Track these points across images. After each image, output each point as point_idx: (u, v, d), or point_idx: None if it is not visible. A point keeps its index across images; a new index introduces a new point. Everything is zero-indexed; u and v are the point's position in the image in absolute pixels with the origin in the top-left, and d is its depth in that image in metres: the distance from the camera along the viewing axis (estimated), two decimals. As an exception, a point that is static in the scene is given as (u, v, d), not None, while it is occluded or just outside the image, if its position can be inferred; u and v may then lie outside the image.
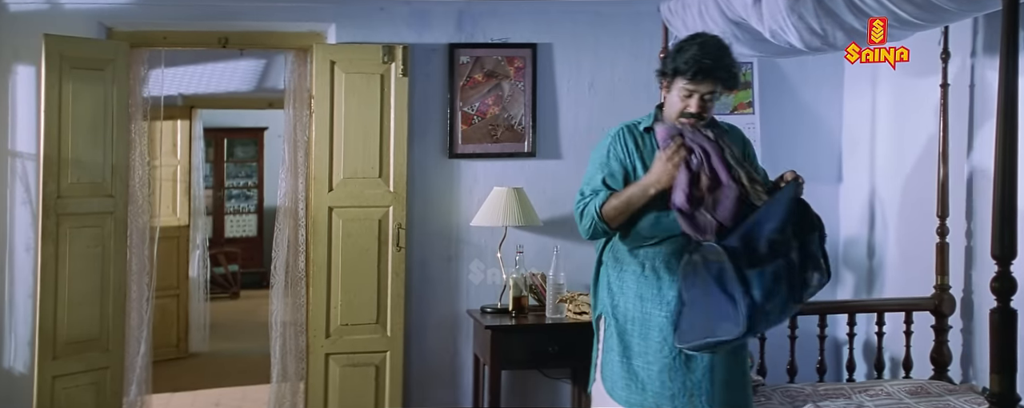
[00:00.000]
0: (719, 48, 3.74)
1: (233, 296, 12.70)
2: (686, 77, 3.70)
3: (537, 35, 5.99)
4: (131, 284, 6.02)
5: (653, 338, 3.78)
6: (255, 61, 8.06)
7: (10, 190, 5.76)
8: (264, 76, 8.50)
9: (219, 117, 12.21)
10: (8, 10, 5.74)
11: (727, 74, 3.71)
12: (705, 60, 3.67)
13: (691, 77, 3.69)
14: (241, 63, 8.11)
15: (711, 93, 3.72)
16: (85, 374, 5.67)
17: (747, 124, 5.97)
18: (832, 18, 4.08)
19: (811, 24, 4.15)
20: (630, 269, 3.86)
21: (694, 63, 3.67)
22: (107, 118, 5.70)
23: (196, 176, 9.27)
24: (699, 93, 3.71)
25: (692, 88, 3.71)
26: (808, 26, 4.16)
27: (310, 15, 5.91)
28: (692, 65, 3.67)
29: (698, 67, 3.67)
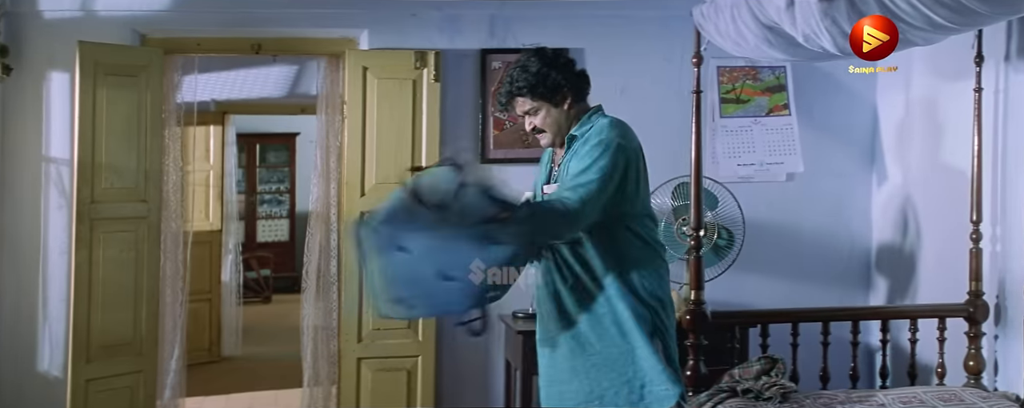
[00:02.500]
0: (514, 67, 3.90)
1: (265, 300, 12.74)
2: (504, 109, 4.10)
3: (568, 40, 5.96)
4: (165, 288, 6.04)
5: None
6: (287, 67, 8.10)
7: (45, 195, 5.80)
8: (296, 82, 8.53)
9: (251, 122, 12.26)
10: (43, 17, 5.79)
11: (520, 88, 3.84)
12: (501, 87, 3.92)
13: (504, 107, 3.95)
14: (273, 69, 8.15)
15: (528, 111, 3.88)
16: (119, 378, 5.70)
17: (783, 126, 5.96)
18: (866, 22, 4.05)
19: (844, 28, 4.12)
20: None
21: (500, 94, 3.93)
22: (141, 124, 5.74)
23: (229, 181, 9.32)
24: (520, 116, 3.93)
25: (516, 113, 3.95)
26: (841, 30, 4.13)
27: (343, 21, 5.93)
28: (499, 96, 3.94)
29: (501, 95, 3.91)
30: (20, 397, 5.80)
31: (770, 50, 4.54)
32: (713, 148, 5.93)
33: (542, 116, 3.88)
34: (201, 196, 8.93)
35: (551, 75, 3.86)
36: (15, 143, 5.79)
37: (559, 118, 3.91)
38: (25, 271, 5.81)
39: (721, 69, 5.99)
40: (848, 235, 6.23)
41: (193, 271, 7.06)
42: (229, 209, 9.27)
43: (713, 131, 5.96)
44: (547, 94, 3.86)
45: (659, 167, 5.75)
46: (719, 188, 5.62)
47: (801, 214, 6.14)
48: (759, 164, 6.00)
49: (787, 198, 6.11)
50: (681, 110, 5.78)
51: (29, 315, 5.81)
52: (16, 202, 5.79)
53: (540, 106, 3.86)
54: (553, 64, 3.89)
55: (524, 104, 3.87)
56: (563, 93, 3.89)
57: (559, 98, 3.88)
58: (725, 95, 6.03)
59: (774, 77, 6.03)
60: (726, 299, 5.63)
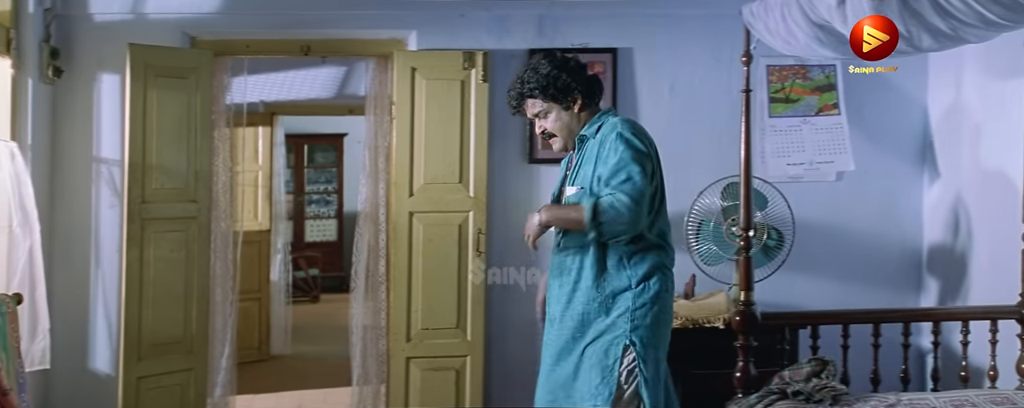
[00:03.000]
0: (523, 70, 4.05)
1: (313, 300, 12.80)
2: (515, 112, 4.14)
3: (617, 39, 5.97)
4: (215, 287, 6.09)
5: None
6: (336, 68, 8.14)
7: (95, 195, 5.87)
8: (344, 83, 8.57)
9: (300, 123, 12.35)
10: (94, 20, 5.85)
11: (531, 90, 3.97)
12: (510, 92, 4.07)
13: (516, 110, 4.10)
14: (322, 70, 8.20)
15: (538, 114, 4.02)
16: (170, 375, 5.75)
17: (833, 125, 5.91)
18: (917, 19, 4.00)
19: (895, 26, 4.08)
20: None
21: (509, 97, 4.07)
22: (191, 125, 5.78)
23: (277, 181, 9.38)
24: (531, 119, 4.08)
25: (526, 117, 4.10)
26: (892, 28, 4.09)
27: (391, 22, 5.95)
28: (509, 100, 4.09)
29: (511, 100, 4.06)
30: (73, 394, 5.86)
31: (820, 48, 4.50)
32: (762, 148, 5.90)
33: (553, 118, 3.98)
34: (250, 196, 9.00)
35: (562, 77, 3.95)
36: (66, 144, 5.85)
37: (570, 122, 4.01)
38: (77, 270, 5.87)
39: (770, 68, 5.96)
40: (899, 235, 6.17)
41: (242, 270, 7.10)
42: (278, 209, 9.33)
43: (762, 130, 5.92)
44: (558, 95, 3.95)
45: (707, 167, 5.75)
46: (768, 188, 5.59)
47: (851, 214, 6.09)
48: (809, 163, 5.96)
49: (837, 198, 6.06)
50: (730, 109, 5.76)
51: (81, 313, 5.88)
52: (68, 202, 5.86)
53: (550, 108, 3.97)
54: (564, 67, 3.98)
55: (535, 105, 3.97)
56: (574, 96, 3.97)
57: (570, 101, 3.97)
58: (774, 94, 5.99)
59: (824, 76, 5.98)
60: (776, 300, 5.59)
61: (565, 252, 4.01)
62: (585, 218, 3.74)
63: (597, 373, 3.90)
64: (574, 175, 4.01)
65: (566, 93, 3.95)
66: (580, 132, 4.01)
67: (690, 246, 5.55)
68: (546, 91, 3.94)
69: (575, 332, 3.97)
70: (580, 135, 4.01)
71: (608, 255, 3.92)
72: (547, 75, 3.93)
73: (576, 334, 3.96)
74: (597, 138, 3.95)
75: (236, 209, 7.33)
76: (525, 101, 4.00)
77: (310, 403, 7.30)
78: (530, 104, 4.00)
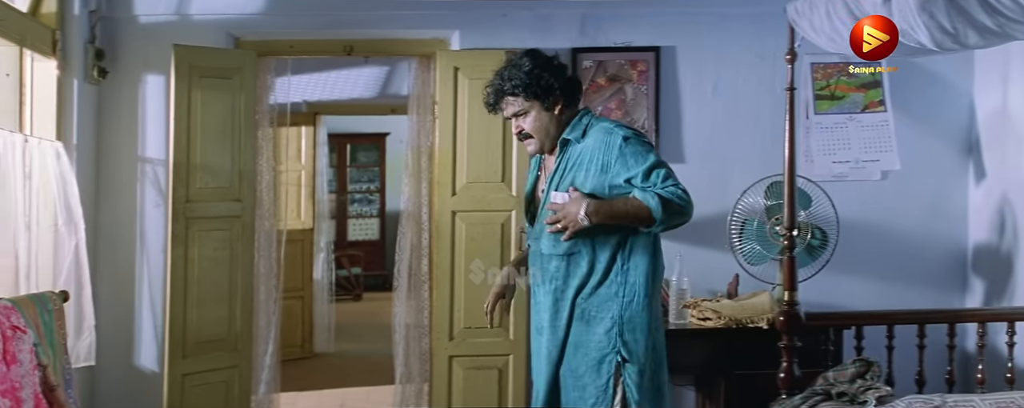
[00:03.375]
0: (505, 66, 3.91)
1: (356, 298, 12.87)
2: (492, 109, 3.99)
3: (660, 38, 5.95)
4: (259, 286, 6.12)
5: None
6: (378, 68, 8.16)
7: (140, 194, 5.92)
8: (387, 83, 8.60)
9: (342, 123, 12.42)
10: (138, 22, 5.90)
11: (513, 87, 3.84)
12: (489, 88, 3.93)
13: (492, 108, 3.96)
14: (364, 70, 8.23)
15: (517, 114, 3.89)
16: (214, 372, 5.79)
17: (879, 122, 5.87)
18: (964, 17, 3.96)
19: (942, 23, 4.04)
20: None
21: (487, 94, 3.94)
22: (235, 125, 5.82)
23: (320, 181, 9.44)
24: (509, 118, 3.95)
25: (504, 115, 3.97)
26: (939, 25, 4.04)
27: (434, 22, 5.96)
28: (486, 97, 3.95)
29: (488, 96, 3.93)
30: (119, 390, 5.92)
31: (867, 45, 4.46)
32: (806, 146, 5.86)
33: (532, 119, 3.86)
34: (293, 195, 9.06)
35: (544, 76, 3.83)
36: (112, 144, 5.91)
37: (548, 123, 3.88)
38: (122, 268, 5.93)
39: (815, 66, 5.92)
40: (944, 235, 6.10)
41: (286, 269, 7.16)
42: (320, 208, 9.40)
43: (807, 129, 5.88)
44: (540, 94, 3.83)
45: (751, 166, 5.73)
46: (812, 187, 5.55)
47: (896, 213, 6.04)
48: (854, 161, 5.92)
49: (882, 197, 6.00)
50: (773, 108, 5.75)
51: (127, 311, 5.94)
52: (113, 201, 5.91)
53: (530, 107, 3.84)
54: (547, 66, 3.87)
55: (514, 104, 3.85)
56: (555, 96, 3.85)
57: (551, 101, 3.85)
58: (819, 92, 5.95)
59: (869, 73, 5.94)
60: (819, 300, 5.56)
61: (550, 258, 3.89)
62: (653, 212, 3.61)
63: (591, 392, 3.82)
64: (559, 179, 3.89)
65: (548, 93, 3.83)
66: (562, 135, 3.89)
67: (733, 245, 5.52)
68: (528, 89, 3.81)
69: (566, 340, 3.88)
70: (563, 138, 3.89)
71: (598, 260, 3.82)
72: (529, 73, 3.81)
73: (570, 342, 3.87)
74: (586, 142, 3.84)
75: (279, 208, 7.37)
76: (504, 99, 3.88)
77: (353, 401, 7.34)
78: (509, 102, 3.87)
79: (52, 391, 3.45)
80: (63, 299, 3.88)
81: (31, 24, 5.24)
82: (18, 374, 3.18)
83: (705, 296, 5.60)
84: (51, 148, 5.22)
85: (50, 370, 3.46)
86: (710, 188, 5.87)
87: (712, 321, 5.28)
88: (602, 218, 3.67)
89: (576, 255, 3.82)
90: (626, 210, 3.67)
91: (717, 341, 5.31)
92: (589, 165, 3.79)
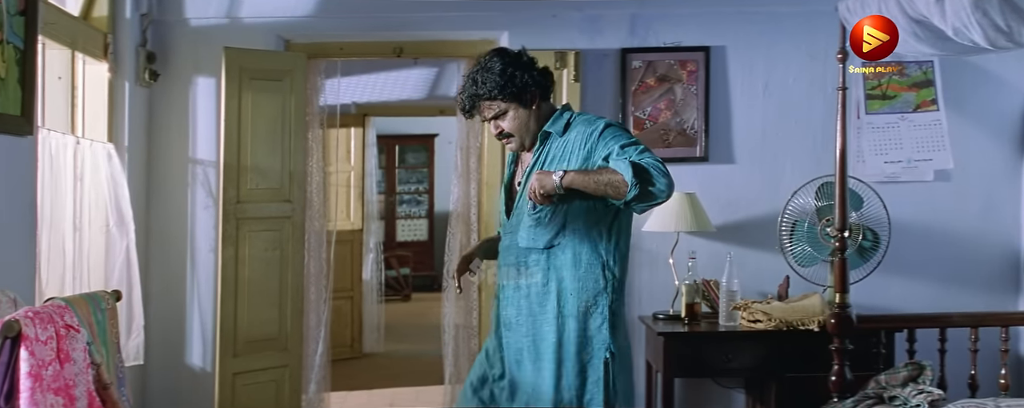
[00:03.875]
0: (477, 70, 3.81)
1: (405, 298, 12.92)
2: (468, 115, 3.89)
3: (710, 38, 5.92)
4: (309, 286, 6.16)
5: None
6: (427, 69, 8.19)
7: (191, 195, 5.97)
8: (436, 84, 8.63)
9: (391, 124, 12.47)
10: (189, 25, 5.95)
11: (490, 90, 3.75)
12: (463, 94, 3.83)
13: (469, 113, 3.86)
14: (413, 72, 8.25)
15: (496, 116, 3.80)
16: (265, 372, 5.82)
17: (932, 122, 5.81)
18: (1018, 14, 3.92)
19: (996, 21, 3.99)
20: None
21: (461, 100, 3.84)
22: (285, 127, 5.86)
23: (369, 182, 9.50)
24: (487, 120, 3.86)
25: (481, 119, 3.88)
26: (993, 23, 4.00)
27: (484, 23, 5.96)
28: (461, 103, 3.86)
29: (462, 102, 3.83)
30: (170, 389, 5.97)
31: (918, 44, 4.42)
32: (858, 146, 5.81)
33: (510, 118, 3.79)
34: (342, 196, 9.12)
35: (517, 75, 3.76)
36: (163, 146, 5.97)
37: (527, 120, 3.81)
38: (174, 268, 5.99)
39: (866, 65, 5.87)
40: (998, 236, 6.02)
41: (335, 269, 7.19)
42: (369, 209, 9.45)
43: (858, 129, 5.83)
44: (516, 94, 3.76)
45: (802, 166, 5.70)
46: (863, 188, 5.51)
47: (948, 214, 5.96)
48: (907, 161, 5.86)
49: (934, 198, 5.93)
50: (825, 108, 5.71)
51: (178, 310, 5.99)
52: (164, 202, 5.97)
53: (508, 108, 3.77)
54: (518, 64, 3.79)
55: (492, 106, 3.78)
56: (532, 93, 3.79)
57: (528, 98, 3.79)
58: (871, 91, 5.90)
59: (921, 72, 5.88)
60: (871, 303, 5.51)
61: (528, 251, 3.78)
62: (625, 176, 3.40)
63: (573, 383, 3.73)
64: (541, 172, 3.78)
65: (524, 91, 3.76)
66: (543, 128, 3.81)
67: (784, 247, 5.49)
68: (504, 91, 3.73)
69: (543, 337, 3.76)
70: (544, 131, 3.81)
71: (581, 252, 3.71)
72: (502, 74, 3.73)
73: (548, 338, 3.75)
74: (569, 136, 3.76)
75: (329, 209, 7.42)
76: (480, 103, 3.79)
77: (402, 400, 7.36)
78: (486, 106, 3.78)
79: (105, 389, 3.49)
80: (116, 298, 3.92)
81: (83, 28, 5.30)
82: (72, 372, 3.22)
83: (755, 298, 5.57)
84: (103, 150, 5.28)
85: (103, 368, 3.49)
86: (760, 189, 5.86)
87: (762, 323, 5.25)
88: (576, 183, 3.50)
89: (557, 248, 3.72)
90: (599, 177, 3.49)
91: (767, 343, 5.28)
92: (572, 157, 3.69)
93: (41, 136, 4.49)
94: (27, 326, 3.04)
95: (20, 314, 3.10)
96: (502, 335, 3.90)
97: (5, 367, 2.99)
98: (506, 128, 3.80)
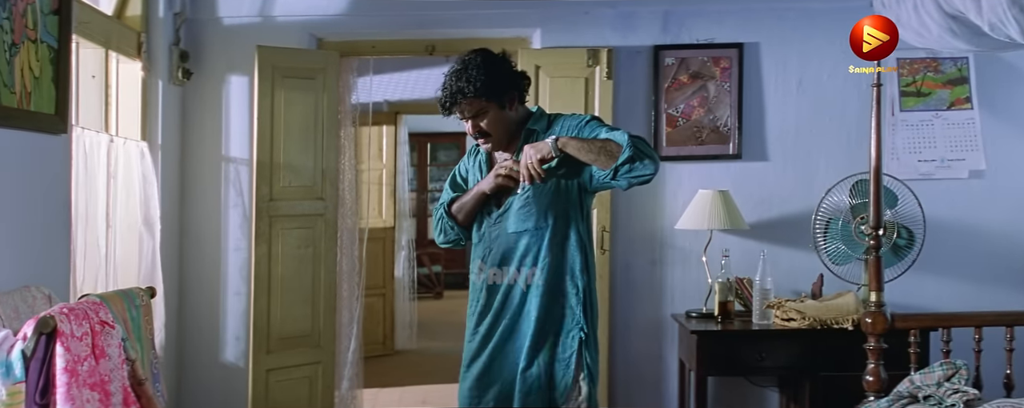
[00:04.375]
0: (461, 69, 3.83)
1: (437, 296, 12.94)
2: (446, 112, 3.89)
3: (743, 34, 5.89)
4: (341, 283, 6.18)
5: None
6: (459, 68, 8.18)
7: (224, 193, 6.00)
8: (468, 81, 8.61)
9: (423, 122, 12.46)
10: (222, 24, 5.99)
11: (474, 90, 3.77)
12: (444, 92, 3.84)
13: (448, 110, 3.87)
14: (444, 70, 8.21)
15: (476, 115, 3.82)
16: (298, 368, 5.85)
17: (965, 120, 5.76)
18: (1056, 10, 3.89)
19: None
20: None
21: (441, 98, 3.85)
22: (317, 125, 5.88)
23: (401, 179, 9.52)
24: (466, 119, 3.86)
25: (460, 117, 3.88)
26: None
27: (516, 21, 5.96)
28: (441, 100, 3.86)
29: (443, 99, 3.84)
30: (205, 385, 6.01)
31: (953, 40, 4.40)
32: (892, 143, 5.77)
33: (491, 118, 3.83)
34: (374, 194, 9.15)
35: (498, 75, 3.82)
36: (196, 144, 6.00)
37: (506, 120, 3.87)
38: (207, 265, 6.02)
39: (901, 61, 5.82)
40: (1035, 235, 5.97)
41: (367, 267, 7.22)
42: (401, 207, 9.48)
43: (892, 126, 5.79)
44: (497, 94, 3.81)
45: (836, 164, 5.67)
46: (898, 185, 5.47)
47: (984, 212, 5.90)
48: (940, 160, 5.81)
49: (969, 195, 5.88)
50: (859, 104, 5.67)
51: (212, 307, 6.02)
52: (197, 200, 6.00)
53: (488, 107, 3.82)
54: (499, 64, 3.86)
55: (471, 106, 3.81)
56: (511, 94, 3.86)
57: (507, 99, 3.85)
58: (905, 88, 5.85)
59: (956, 69, 5.83)
60: (905, 301, 5.48)
61: (519, 236, 3.84)
62: (622, 142, 3.54)
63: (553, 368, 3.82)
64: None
65: (503, 91, 3.83)
66: (527, 126, 3.89)
67: (817, 245, 5.46)
68: (486, 90, 3.78)
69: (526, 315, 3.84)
70: (528, 128, 3.89)
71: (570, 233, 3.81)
72: (485, 73, 3.78)
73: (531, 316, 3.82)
74: (555, 129, 3.85)
75: (361, 207, 7.44)
76: (461, 101, 3.81)
77: (435, 398, 7.37)
78: (466, 104, 3.81)
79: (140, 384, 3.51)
80: (150, 295, 3.95)
81: (116, 27, 5.33)
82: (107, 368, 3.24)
83: (789, 296, 5.54)
84: (136, 148, 5.31)
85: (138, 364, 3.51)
86: (794, 186, 5.83)
87: (796, 322, 5.23)
88: (570, 146, 3.62)
89: (545, 229, 3.80)
90: (593, 143, 3.62)
91: (801, 342, 5.26)
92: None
93: (75, 134, 4.52)
94: (62, 322, 3.07)
95: (55, 310, 3.12)
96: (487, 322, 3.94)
97: (41, 363, 3.02)
98: (485, 127, 3.85)
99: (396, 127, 9.46)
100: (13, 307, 3.46)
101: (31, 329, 3.00)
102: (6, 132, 3.74)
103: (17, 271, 3.81)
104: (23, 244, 3.92)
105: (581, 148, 3.62)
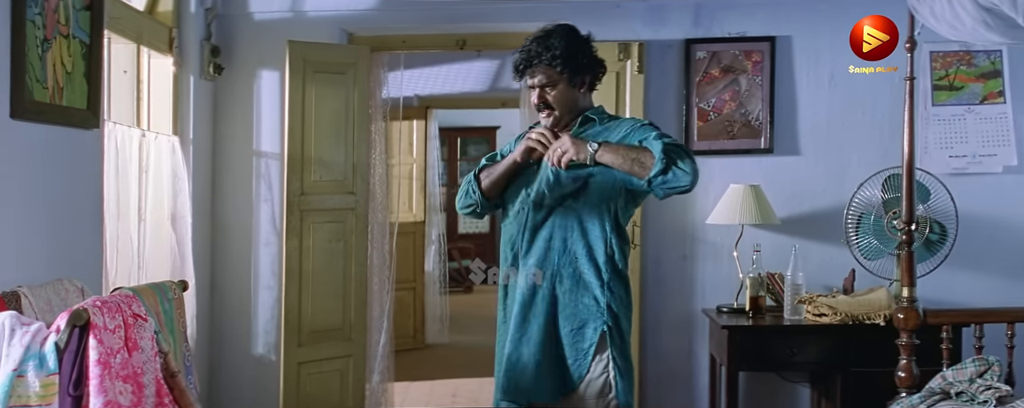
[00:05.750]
0: (543, 35, 3.79)
1: (467, 290, 12.95)
2: (519, 75, 3.85)
3: (775, 28, 5.85)
4: (372, 277, 6.20)
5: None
6: (489, 62, 8.19)
7: (256, 187, 6.03)
8: (497, 76, 8.63)
9: (453, 117, 12.50)
10: (253, 19, 6.01)
11: (552, 58, 3.73)
12: (522, 54, 3.79)
13: (520, 73, 3.82)
14: (475, 64, 8.26)
15: (546, 85, 3.77)
16: (329, 361, 5.87)
17: (998, 114, 5.71)
18: (1094, 2, 3.84)
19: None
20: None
21: (518, 58, 3.80)
22: (348, 119, 5.89)
23: (431, 174, 9.54)
24: (535, 86, 3.79)
25: (529, 83, 3.81)
26: (1067, 13, 3.93)
27: (547, 14, 5.92)
28: (517, 61, 3.81)
29: (519, 61, 3.80)
30: (237, 377, 6.04)
31: (988, 33, 4.34)
32: (924, 138, 5.72)
33: (560, 90, 3.79)
34: (405, 188, 9.16)
35: (581, 53, 3.80)
36: (227, 138, 6.03)
37: (571, 99, 3.82)
38: (239, 259, 6.05)
39: (934, 54, 5.77)
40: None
41: (398, 261, 7.23)
42: (432, 201, 9.49)
43: (925, 120, 5.74)
44: (573, 70, 3.78)
45: (868, 158, 5.63)
46: (931, 180, 5.43)
47: (1018, 208, 5.84)
48: (972, 156, 5.76)
49: (1003, 190, 5.82)
50: (891, 99, 5.63)
51: (244, 301, 6.05)
52: (229, 194, 6.03)
53: (560, 80, 3.77)
54: (584, 43, 3.84)
55: (546, 74, 3.77)
56: (585, 74, 3.83)
57: (580, 79, 3.82)
58: (938, 82, 5.81)
59: (989, 62, 5.78)
60: (938, 297, 5.43)
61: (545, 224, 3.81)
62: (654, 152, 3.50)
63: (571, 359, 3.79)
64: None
65: (580, 70, 3.79)
66: (586, 113, 3.84)
67: (850, 240, 5.43)
68: (568, 62, 3.74)
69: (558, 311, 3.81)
70: (586, 115, 3.84)
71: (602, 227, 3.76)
72: (570, 46, 3.76)
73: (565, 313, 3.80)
74: (611, 124, 3.82)
75: (391, 201, 7.46)
76: (539, 66, 3.77)
77: (465, 391, 7.38)
78: (542, 71, 3.76)
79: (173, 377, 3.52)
80: (183, 288, 3.97)
81: (148, 22, 5.36)
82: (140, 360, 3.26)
83: (821, 291, 5.51)
84: (167, 142, 5.34)
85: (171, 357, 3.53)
86: (826, 181, 5.79)
87: (828, 317, 5.20)
88: (606, 157, 3.57)
89: (573, 221, 3.78)
90: (628, 152, 3.57)
91: (833, 337, 5.23)
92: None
93: (107, 129, 4.56)
94: (95, 315, 3.09)
95: (88, 303, 3.14)
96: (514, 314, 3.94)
97: (74, 355, 3.04)
98: (550, 99, 3.80)
99: (426, 122, 9.48)
100: (46, 300, 3.49)
101: (64, 321, 3.03)
102: (39, 127, 3.77)
103: (50, 264, 3.85)
104: (56, 237, 3.95)
105: (616, 159, 3.57)
